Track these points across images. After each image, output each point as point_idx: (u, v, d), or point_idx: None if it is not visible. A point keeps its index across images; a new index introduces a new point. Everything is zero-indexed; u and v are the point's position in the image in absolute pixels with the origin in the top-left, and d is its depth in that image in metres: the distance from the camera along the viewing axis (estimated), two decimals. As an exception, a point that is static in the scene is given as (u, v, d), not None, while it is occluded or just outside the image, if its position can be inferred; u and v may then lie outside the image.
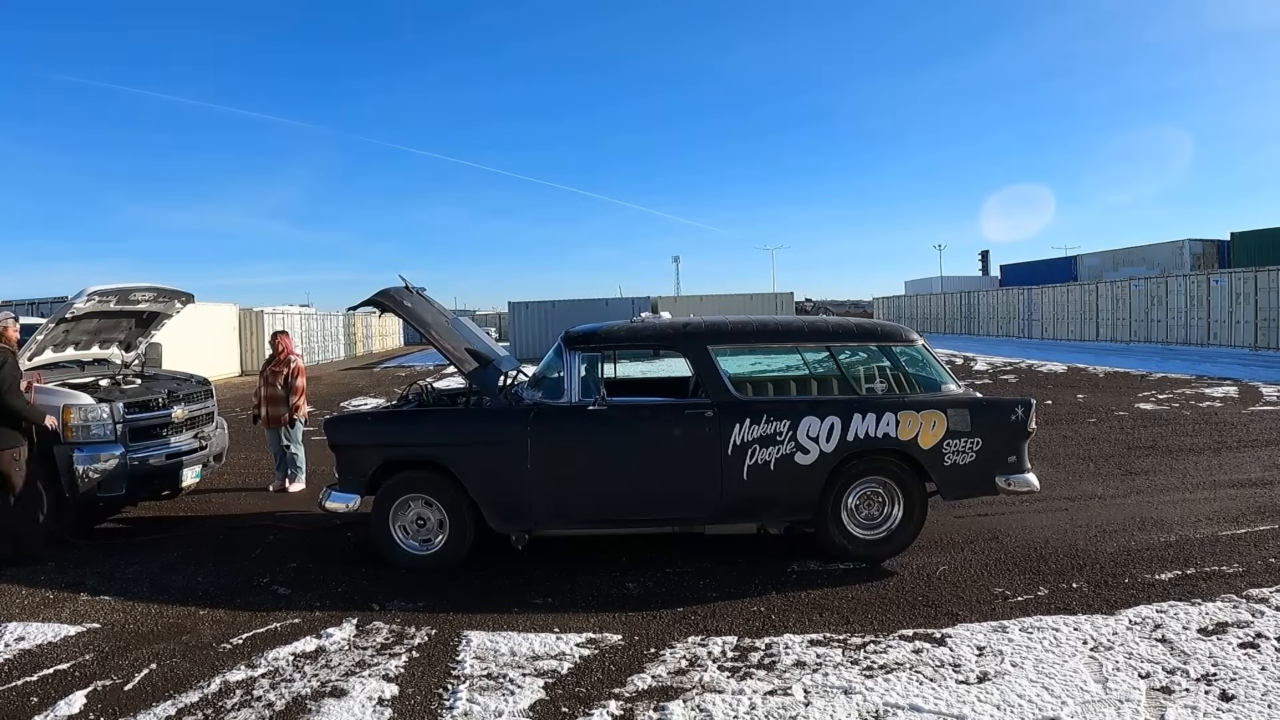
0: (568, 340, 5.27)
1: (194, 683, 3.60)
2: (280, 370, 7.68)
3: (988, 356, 24.03)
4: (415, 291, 5.87)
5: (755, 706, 3.27)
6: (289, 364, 7.74)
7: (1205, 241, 37.13)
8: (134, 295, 6.50)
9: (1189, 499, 6.51)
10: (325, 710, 3.32)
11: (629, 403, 5.50)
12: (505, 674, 3.62)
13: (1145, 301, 28.05)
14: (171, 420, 6.40)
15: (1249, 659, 3.56)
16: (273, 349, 7.96)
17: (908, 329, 5.59)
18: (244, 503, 7.32)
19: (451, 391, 6.19)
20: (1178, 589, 4.47)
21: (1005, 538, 5.53)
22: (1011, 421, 5.07)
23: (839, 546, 5.06)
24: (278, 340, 7.97)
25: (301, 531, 6.16)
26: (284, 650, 3.93)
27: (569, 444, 5.03)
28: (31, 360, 5.93)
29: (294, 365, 7.77)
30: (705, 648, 3.86)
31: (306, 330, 30.55)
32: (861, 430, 4.94)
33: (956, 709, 3.19)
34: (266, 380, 7.72)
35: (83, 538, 5.98)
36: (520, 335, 28.90)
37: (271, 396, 7.65)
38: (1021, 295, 37.17)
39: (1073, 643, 3.78)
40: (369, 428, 5.61)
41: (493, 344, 6.58)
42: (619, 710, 3.28)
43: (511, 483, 4.99)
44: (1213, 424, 10.25)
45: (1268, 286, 22.60)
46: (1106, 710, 3.15)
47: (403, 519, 5.16)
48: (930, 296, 48.52)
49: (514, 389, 5.52)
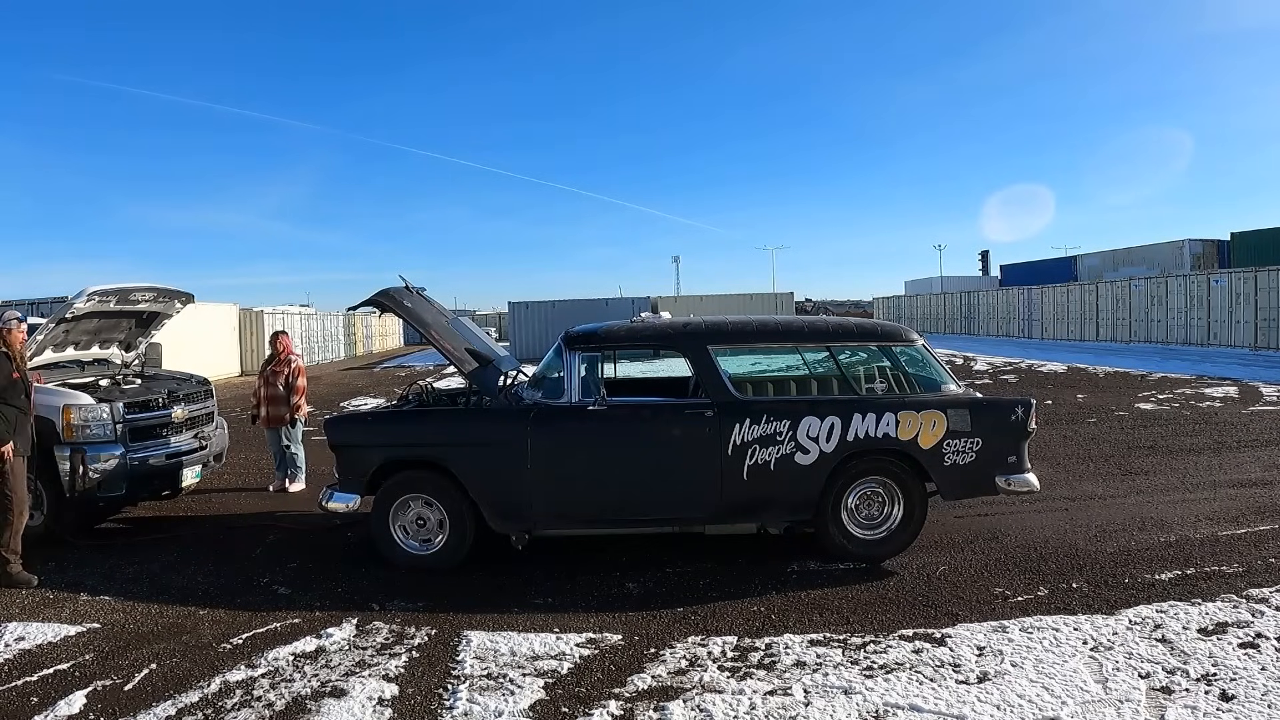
0: (568, 340, 5.27)
1: (194, 683, 3.60)
2: (281, 370, 7.70)
3: (988, 356, 24.03)
4: (415, 291, 5.87)
5: (755, 706, 3.27)
6: (289, 364, 7.76)
7: (1205, 241, 37.11)
8: (134, 295, 6.50)
9: (1189, 499, 6.51)
10: (325, 710, 3.32)
11: (629, 403, 5.50)
12: (505, 674, 3.62)
13: (1145, 301, 28.04)
14: (171, 420, 6.40)
15: (1249, 659, 3.56)
16: (273, 349, 7.98)
17: (908, 329, 5.58)
18: (244, 503, 7.32)
19: (451, 391, 6.19)
20: (1178, 589, 4.47)
21: (1005, 538, 5.53)
22: (1011, 421, 5.07)
23: (839, 546, 5.06)
24: (278, 340, 7.99)
25: (301, 531, 6.16)
26: (284, 650, 3.93)
27: (569, 444, 5.03)
28: (31, 360, 5.93)
29: (295, 365, 7.79)
30: (705, 648, 3.86)
31: (306, 330, 30.55)
32: (861, 430, 4.94)
33: (956, 709, 3.19)
34: (267, 380, 7.73)
35: (83, 538, 5.97)
36: (520, 335, 28.90)
37: (272, 396, 7.66)
38: (1021, 295, 37.16)
39: (1073, 643, 3.78)
40: (369, 428, 5.61)
41: (493, 344, 6.57)
42: (619, 710, 3.28)
43: (511, 483, 4.99)
44: (1213, 424, 10.25)
45: (1268, 286, 22.60)
46: (1106, 710, 3.15)
47: (403, 519, 5.16)
48: (930, 296, 48.51)
49: (514, 389, 5.52)
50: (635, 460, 5.04)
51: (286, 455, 7.67)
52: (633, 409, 5.32)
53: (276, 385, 7.65)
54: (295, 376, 7.70)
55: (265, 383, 7.74)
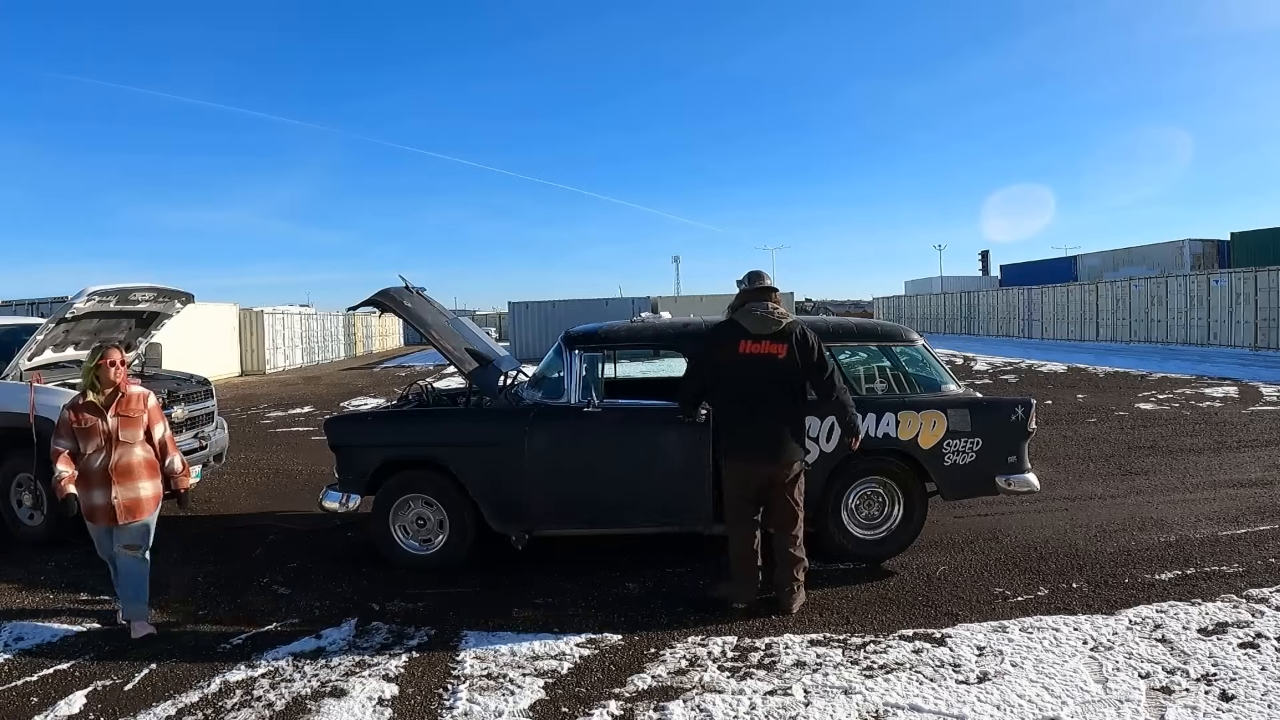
0: (568, 340, 5.27)
1: (194, 683, 3.60)
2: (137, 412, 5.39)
3: (988, 356, 24.02)
4: (415, 291, 5.87)
5: (755, 706, 3.27)
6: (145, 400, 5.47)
7: (1205, 241, 37.14)
8: (134, 295, 6.49)
9: (1189, 499, 6.50)
10: (325, 710, 3.32)
11: (628, 404, 5.50)
12: (505, 674, 3.62)
13: (1145, 301, 28.04)
14: (171, 420, 6.39)
15: (1249, 659, 3.56)
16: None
17: (908, 329, 5.58)
18: (244, 503, 7.32)
19: (451, 391, 6.19)
20: (1178, 589, 4.47)
21: (1005, 538, 5.53)
22: (1012, 421, 5.06)
23: (839, 546, 5.06)
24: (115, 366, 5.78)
25: (301, 531, 6.16)
26: (284, 650, 3.93)
27: (569, 444, 5.02)
28: (31, 360, 5.94)
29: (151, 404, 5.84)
30: (705, 648, 3.86)
31: (306, 330, 30.56)
32: (861, 430, 4.93)
33: (956, 709, 3.19)
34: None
35: (83, 538, 5.96)
36: (520, 335, 28.88)
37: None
38: (1021, 295, 37.15)
39: (1073, 643, 3.78)
40: (369, 428, 5.61)
41: (493, 344, 6.57)
42: (619, 710, 3.28)
43: (511, 483, 4.99)
44: (1213, 424, 10.24)
45: (1268, 286, 22.60)
46: (1106, 710, 3.15)
47: (403, 519, 5.16)
48: (930, 296, 48.49)
49: (514, 389, 5.51)
50: (634, 460, 5.03)
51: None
52: (632, 410, 5.31)
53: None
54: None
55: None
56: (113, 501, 4.02)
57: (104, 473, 4.01)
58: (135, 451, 4.10)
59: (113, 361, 4.07)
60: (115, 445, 4.04)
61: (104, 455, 4.02)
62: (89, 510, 4.07)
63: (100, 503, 4.04)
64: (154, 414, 4.26)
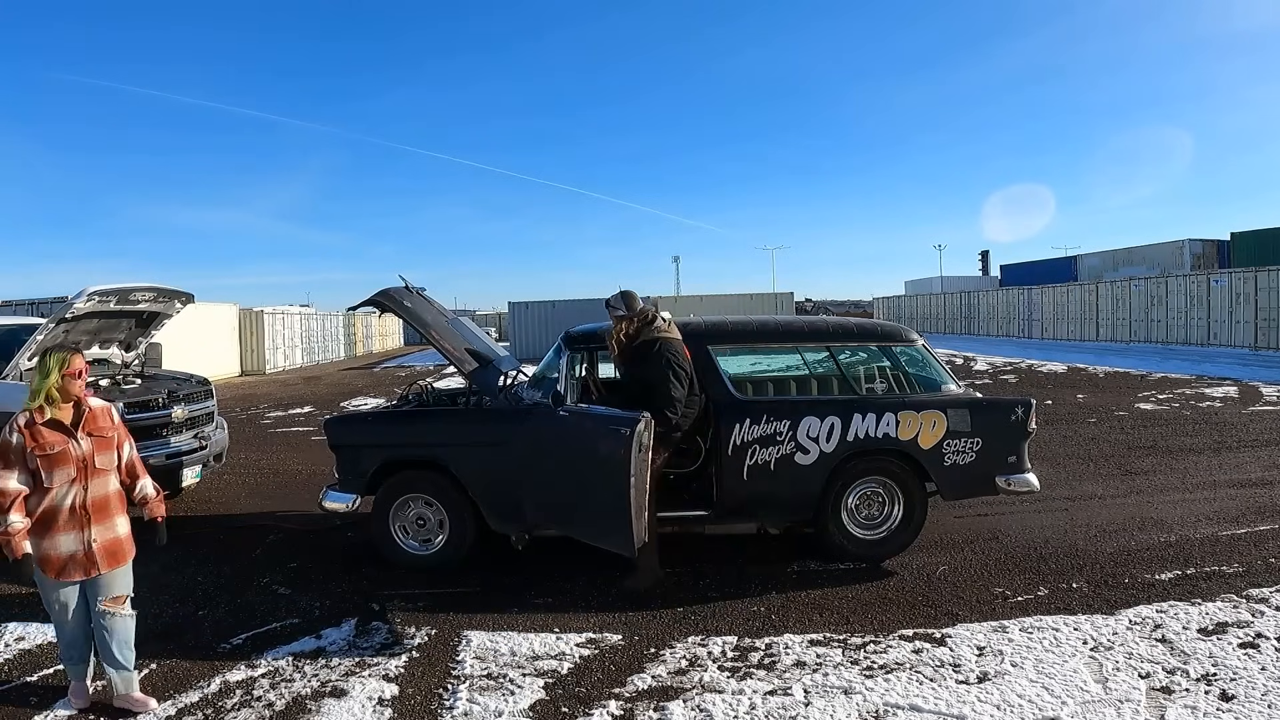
0: (568, 340, 5.27)
1: (194, 683, 3.60)
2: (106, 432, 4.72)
3: (988, 356, 24.02)
4: (415, 291, 5.86)
5: (755, 706, 3.27)
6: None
7: (1205, 241, 37.11)
8: (134, 295, 6.49)
9: (1189, 499, 6.50)
10: (325, 710, 3.32)
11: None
12: (505, 674, 3.62)
13: (1145, 301, 28.04)
14: (171, 420, 6.40)
15: (1249, 659, 3.56)
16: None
17: (908, 329, 5.58)
18: (244, 503, 7.32)
19: (451, 391, 6.19)
20: (1178, 589, 4.47)
21: (1005, 538, 5.53)
22: (1011, 421, 5.06)
23: (839, 546, 5.06)
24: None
25: (301, 531, 6.16)
26: (284, 650, 3.93)
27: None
28: (31, 360, 5.93)
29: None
30: (705, 648, 3.86)
31: (306, 330, 30.55)
32: (861, 430, 4.94)
33: (956, 709, 3.19)
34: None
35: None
36: (520, 335, 28.88)
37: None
38: (1021, 295, 37.15)
39: (1073, 643, 3.78)
40: (369, 428, 5.61)
41: (493, 344, 6.57)
42: (619, 710, 3.28)
43: (511, 483, 4.98)
44: (1213, 424, 10.24)
45: (1268, 286, 22.60)
46: (1106, 710, 3.15)
47: (403, 519, 5.16)
48: (930, 296, 48.47)
49: (514, 389, 5.51)
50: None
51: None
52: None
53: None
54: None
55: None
56: (90, 546, 3.19)
57: (77, 511, 3.18)
58: (111, 481, 3.31)
59: (79, 371, 3.22)
60: (91, 474, 3.21)
61: (76, 488, 3.18)
62: (55, 563, 3.17)
63: (71, 550, 3.17)
64: (122, 431, 3.44)
